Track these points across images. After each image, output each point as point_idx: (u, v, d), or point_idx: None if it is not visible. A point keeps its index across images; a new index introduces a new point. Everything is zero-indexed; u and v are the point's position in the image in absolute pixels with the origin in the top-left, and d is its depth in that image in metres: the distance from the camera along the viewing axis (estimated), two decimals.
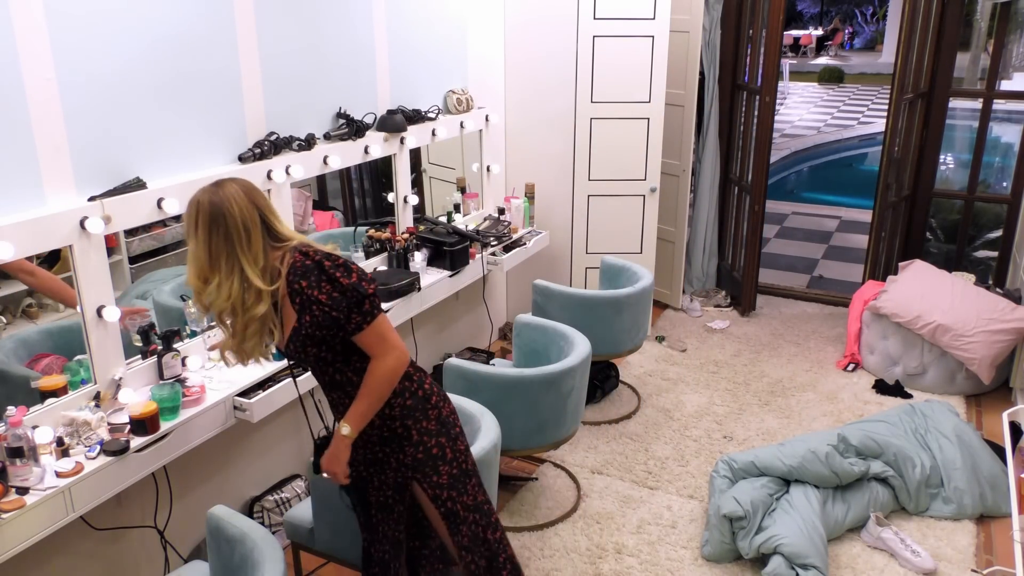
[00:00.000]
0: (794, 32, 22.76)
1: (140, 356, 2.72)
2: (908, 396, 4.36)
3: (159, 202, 2.65)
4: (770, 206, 6.38)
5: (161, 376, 2.69)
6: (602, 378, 4.36)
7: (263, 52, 3.08)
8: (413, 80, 4.02)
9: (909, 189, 5.25)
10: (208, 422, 2.64)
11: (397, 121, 3.72)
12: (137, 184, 2.62)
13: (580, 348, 3.19)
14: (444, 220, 4.26)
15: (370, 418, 2.09)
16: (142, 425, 2.42)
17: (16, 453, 2.15)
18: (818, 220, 8.20)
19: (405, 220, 3.99)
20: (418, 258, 3.80)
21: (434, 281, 3.77)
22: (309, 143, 3.28)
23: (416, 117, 3.95)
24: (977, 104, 5.36)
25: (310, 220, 3.72)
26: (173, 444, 2.52)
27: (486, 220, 4.55)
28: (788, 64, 18.54)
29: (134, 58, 2.60)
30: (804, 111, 15.27)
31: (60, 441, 2.32)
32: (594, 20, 4.51)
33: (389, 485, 2.19)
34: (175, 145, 2.80)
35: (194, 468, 2.97)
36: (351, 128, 3.51)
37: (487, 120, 4.53)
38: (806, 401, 4.35)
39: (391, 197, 3.96)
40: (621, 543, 3.24)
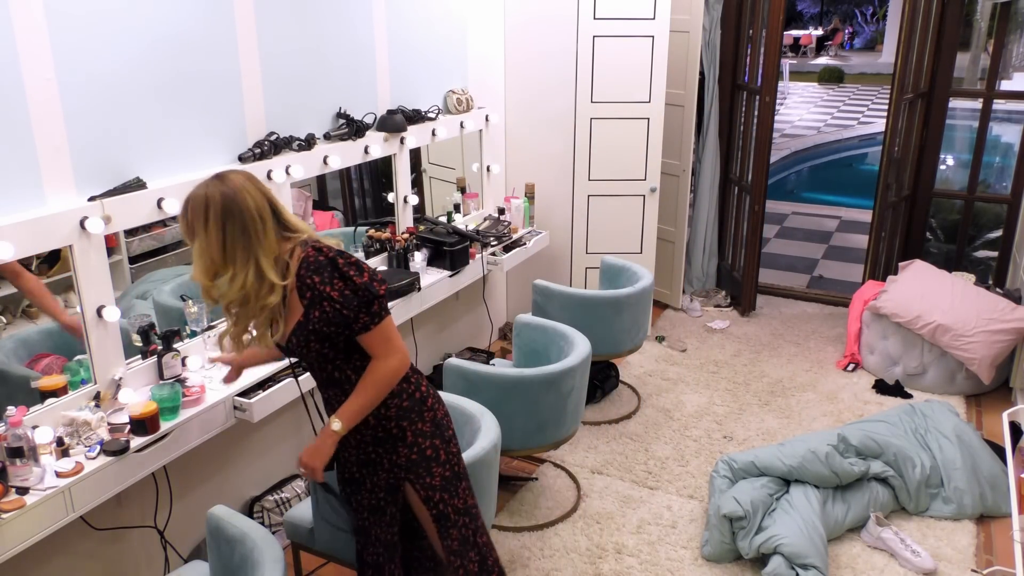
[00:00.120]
0: (794, 32, 22.74)
1: (140, 356, 2.72)
2: (908, 396, 4.36)
3: (159, 202, 2.65)
4: (770, 206, 6.38)
5: (161, 376, 2.70)
6: (602, 378, 4.36)
7: (263, 52, 3.08)
8: (413, 80, 4.02)
9: (909, 189, 5.25)
10: (208, 422, 2.64)
11: (397, 121, 3.72)
12: (137, 184, 2.62)
13: (580, 348, 3.19)
14: (444, 220, 4.26)
15: (362, 417, 2.07)
16: (142, 425, 2.42)
17: (16, 453, 2.15)
18: (818, 220, 8.20)
19: (405, 220, 3.99)
20: (418, 258, 3.80)
21: (434, 281, 3.77)
22: (309, 143, 3.28)
23: (416, 117, 3.95)
24: (977, 104, 5.36)
25: (310, 220, 3.71)
26: (173, 444, 2.52)
27: (486, 220, 4.55)
28: (788, 64, 18.53)
29: (134, 58, 2.60)
30: (804, 111, 15.26)
31: (60, 441, 2.32)
32: (594, 20, 4.50)
33: (381, 487, 2.17)
34: (175, 145, 2.80)
35: (194, 468, 2.97)
36: (351, 128, 3.51)
37: (487, 120, 4.53)
38: (806, 401, 4.35)
39: (391, 197, 3.96)
40: (621, 543, 3.24)
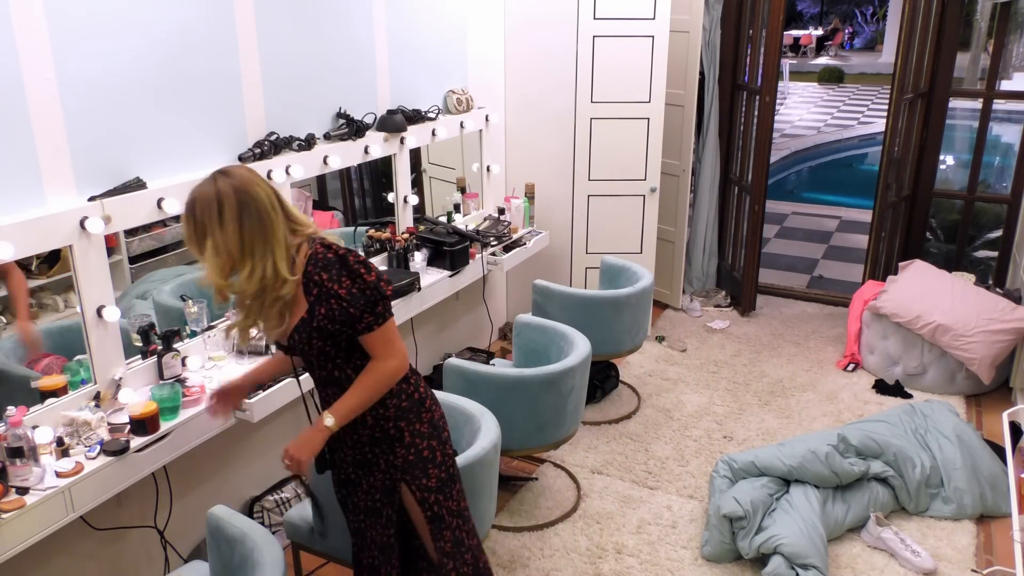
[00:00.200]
0: (794, 32, 22.75)
1: (140, 356, 2.72)
2: (908, 396, 4.36)
3: (159, 202, 2.65)
4: (770, 206, 6.38)
5: (161, 376, 2.70)
6: (602, 378, 4.36)
7: (263, 52, 3.08)
8: (413, 80, 4.02)
9: (909, 189, 5.25)
10: (208, 422, 2.63)
11: (397, 121, 3.72)
12: (137, 184, 2.62)
13: (580, 348, 3.19)
14: (444, 220, 4.26)
15: (355, 415, 2.05)
16: (142, 425, 2.42)
17: (16, 453, 2.15)
18: (818, 220, 8.20)
19: (405, 220, 3.99)
20: (418, 258, 3.80)
21: (434, 281, 3.77)
22: (309, 143, 3.28)
23: (416, 117, 3.95)
24: (977, 104, 5.36)
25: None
26: (173, 444, 2.52)
27: (486, 220, 4.55)
28: (788, 64, 18.53)
29: (134, 58, 2.60)
30: (804, 111, 15.26)
31: (60, 441, 2.32)
32: (594, 20, 4.50)
33: (378, 488, 2.17)
34: (175, 145, 2.80)
35: (194, 468, 2.97)
36: (351, 128, 3.51)
37: (487, 120, 4.53)
38: (806, 401, 4.35)
39: (391, 197, 3.96)
40: (621, 543, 3.24)
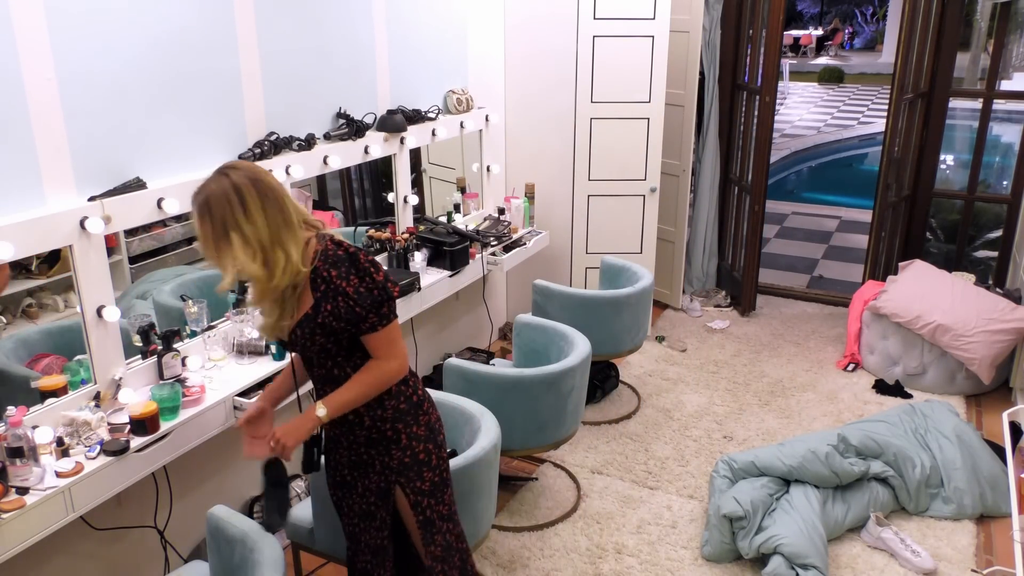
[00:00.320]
0: (794, 32, 22.75)
1: (140, 356, 2.72)
2: (908, 396, 4.36)
3: (159, 202, 2.65)
4: (770, 206, 6.38)
5: (161, 376, 2.70)
6: (602, 378, 4.36)
7: (263, 52, 3.08)
8: (413, 80, 4.02)
9: (909, 189, 5.25)
10: (208, 422, 2.64)
11: (397, 121, 3.72)
12: (137, 184, 2.62)
13: (580, 348, 3.19)
14: (444, 220, 4.26)
15: (348, 410, 2.05)
16: (142, 425, 2.41)
17: (16, 453, 2.15)
18: (818, 220, 8.20)
19: (405, 220, 3.99)
20: (418, 258, 3.80)
21: (434, 281, 3.77)
22: (309, 143, 3.28)
23: (416, 117, 3.95)
24: (977, 104, 5.36)
25: None
26: (173, 444, 2.52)
27: (486, 220, 4.55)
28: (788, 64, 18.54)
29: (134, 58, 2.60)
30: (804, 111, 15.27)
31: (60, 441, 2.32)
32: (594, 20, 4.50)
33: (372, 491, 2.16)
34: (175, 145, 2.80)
35: (194, 468, 2.97)
36: (351, 128, 3.51)
37: (487, 120, 4.53)
38: (806, 401, 4.35)
39: (391, 197, 3.96)
40: (621, 543, 3.24)
